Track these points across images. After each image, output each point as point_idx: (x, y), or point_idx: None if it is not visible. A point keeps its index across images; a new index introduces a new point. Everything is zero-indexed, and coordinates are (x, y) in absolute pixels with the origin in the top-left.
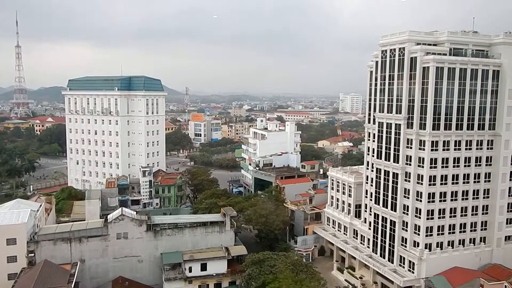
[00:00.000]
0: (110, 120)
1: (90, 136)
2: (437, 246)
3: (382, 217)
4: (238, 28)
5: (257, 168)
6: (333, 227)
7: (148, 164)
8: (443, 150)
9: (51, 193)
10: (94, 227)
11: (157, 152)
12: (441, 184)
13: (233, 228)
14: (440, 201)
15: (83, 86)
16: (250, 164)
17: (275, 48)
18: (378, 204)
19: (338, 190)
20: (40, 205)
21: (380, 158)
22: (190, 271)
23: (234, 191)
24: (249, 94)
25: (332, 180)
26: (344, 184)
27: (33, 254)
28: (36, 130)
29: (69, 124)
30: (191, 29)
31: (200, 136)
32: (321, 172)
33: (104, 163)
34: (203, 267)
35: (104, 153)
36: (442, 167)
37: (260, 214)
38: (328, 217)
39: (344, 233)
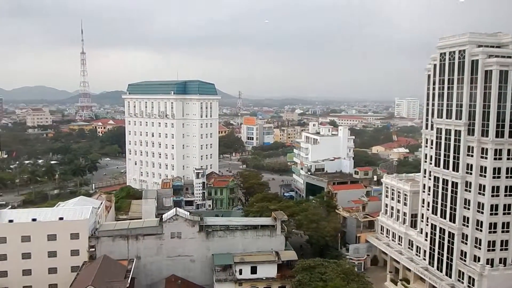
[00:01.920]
0: (166, 123)
1: (147, 138)
2: (500, 262)
3: (440, 228)
4: (291, 32)
5: (309, 173)
6: (387, 236)
7: (201, 166)
8: (508, 159)
9: (111, 191)
10: (150, 226)
11: (210, 154)
12: (506, 195)
13: (283, 233)
14: (504, 213)
15: (142, 90)
16: (301, 169)
17: (329, 51)
18: (436, 214)
19: (393, 198)
20: (101, 203)
21: (439, 166)
22: (241, 273)
23: (285, 195)
24: (301, 98)
25: (387, 187)
26: (399, 192)
27: (93, 249)
28: (99, 132)
29: (128, 127)
30: (245, 34)
31: (252, 139)
32: (375, 179)
33: (160, 164)
34: (253, 270)
35: (160, 154)
36: (507, 177)
37: (311, 220)
38: (382, 226)
39: (399, 243)
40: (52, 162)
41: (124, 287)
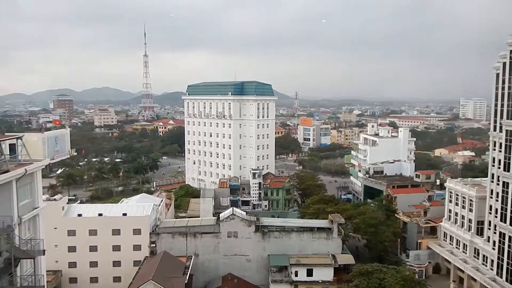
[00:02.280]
0: (223, 123)
1: (205, 138)
2: None
3: (509, 237)
4: (349, 32)
5: (367, 176)
6: (450, 243)
7: (258, 167)
8: None
9: (171, 189)
10: (207, 224)
11: (267, 155)
12: None
13: (340, 236)
14: None
15: (200, 91)
16: (359, 171)
17: (388, 50)
18: (505, 222)
19: (457, 204)
20: (162, 200)
21: (508, 171)
22: (296, 275)
23: (342, 197)
24: (359, 98)
25: (451, 192)
26: (464, 198)
27: (154, 245)
28: (159, 132)
29: (187, 127)
30: (302, 35)
31: (309, 140)
32: (438, 183)
33: (217, 164)
34: (309, 273)
35: (217, 154)
36: None
37: (369, 224)
38: (445, 232)
39: (463, 251)
40: (117, 160)
41: (183, 283)
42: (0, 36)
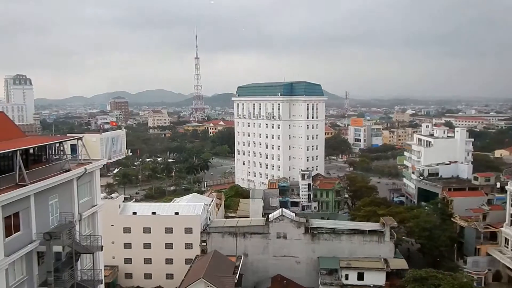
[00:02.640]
0: (273, 124)
1: (255, 139)
2: None
3: None
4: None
5: (421, 178)
6: None
7: (307, 168)
8: None
9: (221, 190)
10: (256, 225)
11: (316, 156)
12: None
13: (393, 240)
14: None
15: (250, 92)
16: (413, 173)
17: (443, 47)
18: None
19: None
20: (212, 200)
21: None
22: (347, 278)
23: (394, 200)
24: (413, 97)
25: None
26: None
27: (205, 244)
28: (210, 133)
29: (237, 128)
30: (353, 34)
31: (360, 141)
32: (498, 186)
33: (267, 165)
34: (360, 277)
35: (267, 155)
36: None
37: (424, 228)
38: (506, 238)
39: None
40: (169, 160)
41: (232, 282)
42: (63, 42)
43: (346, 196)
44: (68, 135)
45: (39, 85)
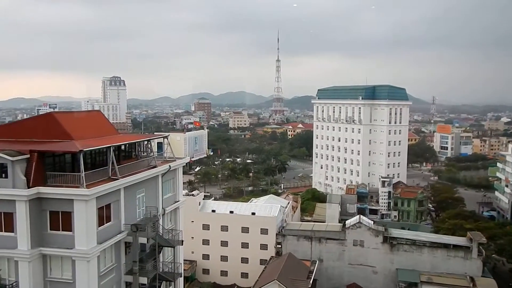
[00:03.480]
0: (353, 128)
1: (334, 142)
2: None
3: None
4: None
5: None
6: None
7: (388, 175)
8: None
9: (297, 192)
10: (332, 230)
11: (398, 163)
12: None
13: (481, 257)
14: None
15: (330, 95)
16: (507, 186)
17: None
18: None
19: None
20: (288, 203)
21: None
22: None
23: (484, 214)
24: (508, 104)
25: None
26: None
27: (280, 246)
28: (289, 135)
29: (316, 131)
30: (441, 35)
31: (446, 149)
32: None
33: (345, 170)
34: None
35: (345, 160)
36: None
37: None
38: None
39: None
40: (248, 161)
41: (306, 287)
42: (153, 46)
43: (430, 206)
44: (155, 133)
45: (131, 86)
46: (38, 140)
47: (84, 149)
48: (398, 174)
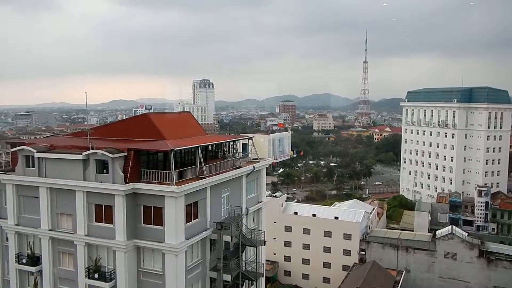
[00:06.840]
0: (446, 133)
1: (424, 147)
2: None
3: None
4: None
5: None
6: None
7: (485, 184)
8: None
9: (383, 199)
10: (421, 240)
11: (498, 171)
12: None
13: None
14: None
15: (421, 97)
16: None
17: None
18: None
19: None
20: (373, 209)
21: None
22: None
23: None
24: None
25: None
26: None
27: (363, 253)
28: (375, 139)
29: (405, 135)
30: None
31: None
32: None
33: (436, 177)
34: None
35: (437, 166)
36: None
37: None
38: None
39: None
40: (332, 164)
41: None
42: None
43: None
44: (240, 134)
45: (219, 88)
46: (134, 139)
47: (175, 149)
48: (498, 183)
